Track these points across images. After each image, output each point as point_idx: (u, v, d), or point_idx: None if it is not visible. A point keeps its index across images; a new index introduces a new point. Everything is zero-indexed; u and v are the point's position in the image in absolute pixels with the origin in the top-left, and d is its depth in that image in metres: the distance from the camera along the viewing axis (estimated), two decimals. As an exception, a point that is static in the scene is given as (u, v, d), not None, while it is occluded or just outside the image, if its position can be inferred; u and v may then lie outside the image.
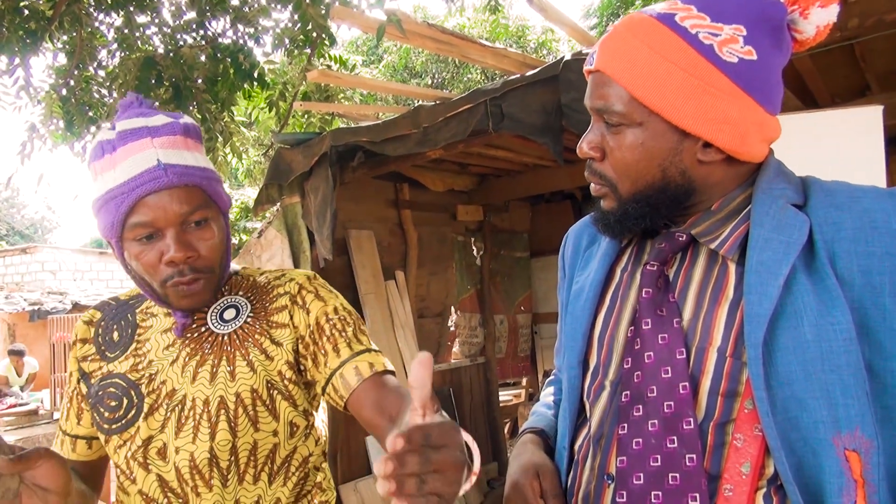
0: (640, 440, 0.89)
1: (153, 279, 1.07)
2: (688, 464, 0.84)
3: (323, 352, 1.12)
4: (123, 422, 1.10)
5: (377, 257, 4.48)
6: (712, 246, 0.91)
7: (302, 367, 1.15)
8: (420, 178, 4.71)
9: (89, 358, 1.18)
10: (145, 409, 1.09)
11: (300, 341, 1.15)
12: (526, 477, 1.00)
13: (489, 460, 5.26)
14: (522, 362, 6.08)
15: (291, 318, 1.16)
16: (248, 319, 1.16)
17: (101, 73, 4.27)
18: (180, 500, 1.07)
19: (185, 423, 1.07)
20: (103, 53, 4.18)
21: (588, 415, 0.99)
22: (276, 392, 1.11)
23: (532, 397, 6.21)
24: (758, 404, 0.80)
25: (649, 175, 0.90)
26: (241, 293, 1.21)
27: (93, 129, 4.36)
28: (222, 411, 1.07)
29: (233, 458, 1.07)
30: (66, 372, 9.71)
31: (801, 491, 0.79)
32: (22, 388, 10.16)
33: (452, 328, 5.41)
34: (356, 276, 4.31)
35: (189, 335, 1.15)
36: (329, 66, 4.53)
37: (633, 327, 0.94)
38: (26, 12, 3.38)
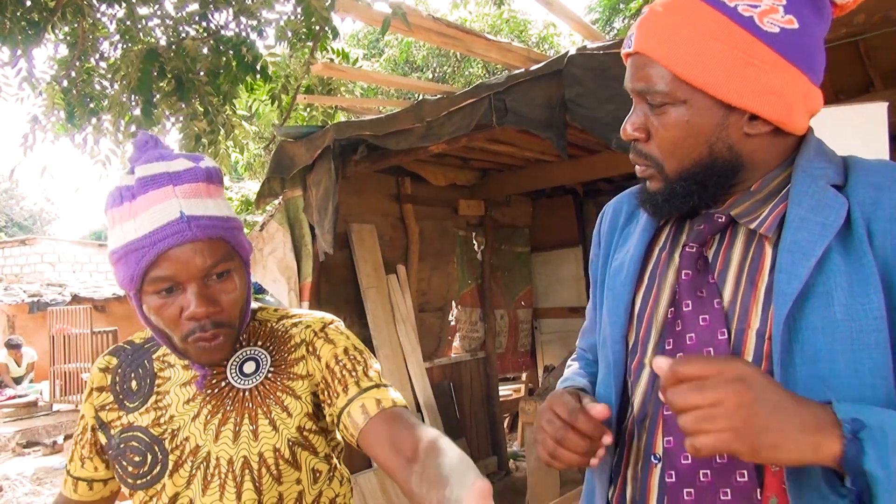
0: None
1: (174, 333, 1.04)
2: None
3: (335, 393, 1.11)
4: (149, 478, 1.09)
5: (379, 251, 4.47)
6: (752, 226, 0.90)
7: (323, 411, 1.15)
8: (422, 173, 4.71)
9: (107, 407, 1.16)
10: (170, 465, 1.08)
11: (318, 388, 1.13)
12: (562, 393, 0.98)
13: (489, 455, 5.27)
14: (522, 357, 6.08)
15: (307, 368, 1.14)
16: (269, 375, 1.14)
17: (103, 64, 4.26)
18: None
19: (212, 480, 1.07)
20: (105, 45, 4.17)
21: (630, 394, 0.99)
22: (296, 447, 1.10)
23: (532, 392, 6.22)
24: (775, 378, 0.80)
25: (696, 152, 0.90)
26: (259, 343, 1.18)
27: (93, 120, 4.36)
28: (247, 471, 1.07)
29: None
30: (66, 364, 9.62)
31: (818, 476, 0.78)
32: (22, 378, 10.18)
33: (453, 323, 5.42)
34: (357, 270, 4.31)
35: (210, 390, 1.13)
36: (332, 60, 4.52)
37: (672, 308, 0.94)
38: (28, 3, 3.37)
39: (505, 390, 6.32)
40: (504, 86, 2.86)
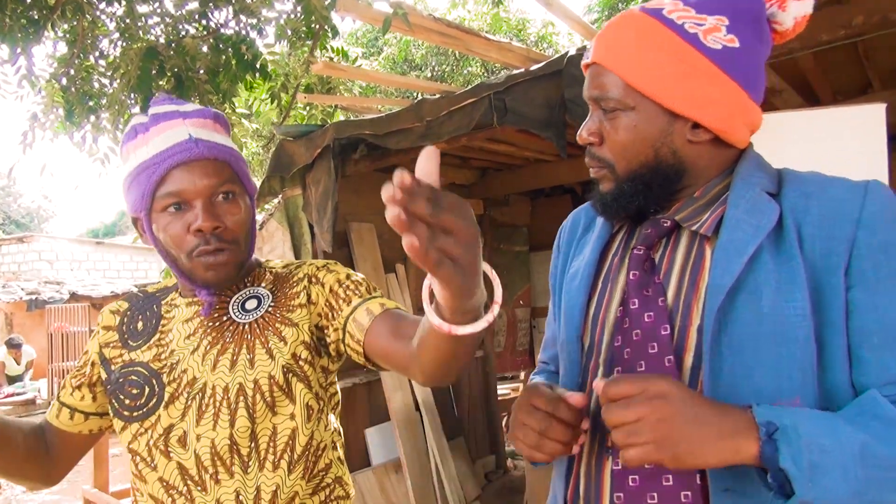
0: None
1: (180, 251, 1.10)
2: None
3: (339, 310, 1.15)
4: (144, 410, 1.12)
5: (378, 250, 4.48)
6: (693, 228, 0.98)
7: (327, 339, 1.17)
8: (421, 172, 4.71)
9: (111, 344, 1.21)
10: (166, 397, 1.12)
11: (320, 316, 1.17)
12: (535, 386, 1.02)
13: (487, 454, 5.28)
14: (521, 356, 6.09)
15: (309, 296, 1.18)
16: (269, 309, 1.18)
17: (102, 62, 4.25)
18: (199, 488, 1.09)
19: (206, 410, 1.09)
20: (104, 43, 4.16)
21: (587, 393, 1.03)
22: (291, 375, 1.12)
23: (530, 391, 6.23)
24: (704, 367, 0.88)
25: (643, 155, 0.98)
26: (263, 285, 1.23)
27: (92, 118, 4.35)
28: (241, 398, 1.09)
29: (253, 445, 1.09)
30: (64, 361, 9.66)
31: None
32: (20, 376, 10.19)
33: (452, 321, 5.42)
34: (357, 269, 4.32)
35: (211, 324, 1.17)
36: (331, 59, 4.52)
37: (622, 307, 1.01)
38: (29, 0, 3.36)
39: (503, 389, 6.34)
40: (504, 85, 2.88)
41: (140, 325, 1.22)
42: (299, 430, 1.12)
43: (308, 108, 5.14)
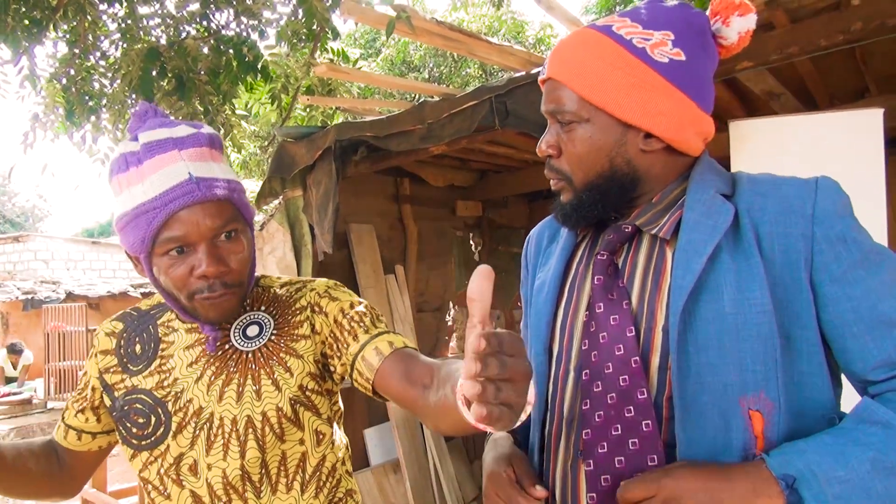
0: (602, 413, 0.98)
1: (181, 293, 1.06)
2: (644, 429, 0.94)
3: (345, 344, 1.13)
4: (153, 439, 1.11)
5: (377, 251, 4.49)
6: (653, 232, 1.01)
7: (331, 368, 1.16)
8: (421, 174, 4.73)
9: (111, 370, 1.19)
10: (174, 427, 1.11)
11: (325, 344, 1.15)
12: (499, 466, 1.07)
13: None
14: (518, 357, 6.10)
15: (312, 326, 1.16)
16: (272, 337, 1.16)
17: (103, 63, 4.26)
18: None
19: (215, 440, 1.09)
20: (105, 43, 4.17)
21: (559, 400, 1.07)
22: (299, 406, 1.12)
23: (527, 392, 6.24)
24: (672, 366, 0.92)
25: (598, 165, 1.02)
26: (262, 308, 1.21)
27: (92, 118, 4.36)
28: (250, 430, 1.09)
29: (264, 472, 1.09)
30: (61, 361, 9.58)
31: (707, 449, 0.90)
32: (16, 380, 10.17)
33: (450, 323, 5.44)
34: (356, 270, 4.33)
35: (213, 353, 1.15)
36: (332, 60, 4.54)
37: (588, 312, 1.04)
38: (31, 1, 3.37)
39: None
40: (505, 88, 2.89)
41: (138, 347, 1.19)
42: (309, 454, 1.14)
43: (308, 109, 5.15)
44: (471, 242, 5.57)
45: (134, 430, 1.13)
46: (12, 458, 1.16)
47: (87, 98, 4.18)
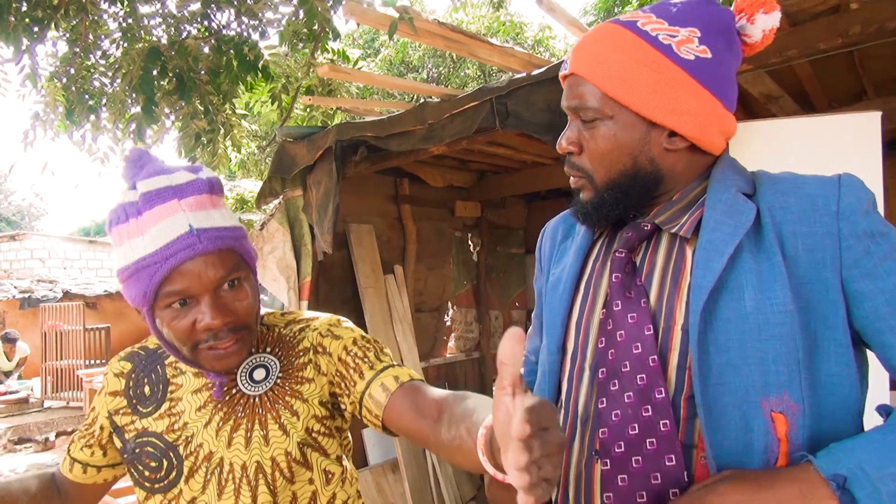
0: (619, 412, 0.96)
1: (184, 345, 1.05)
2: (662, 429, 0.92)
3: (352, 382, 1.12)
4: (165, 482, 1.12)
5: (377, 251, 4.51)
6: (673, 231, 1.00)
7: (342, 406, 1.16)
8: (420, 174, 4.74)
9: (121, 411, 1.19)
10: (185, 471, 1.11)
11: (332, 384, 1.15)
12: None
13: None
14: (516, 358, 6.11)
15: (319, 368, 1.15)
16: (278, 380, 1.15)
17: (104, 62, 4.27)
18: None
19: (226, 485, 1.10)
20: (106, 43, 4.18)
21: (573, 398, 1.06)
22: (307, 448, 1.12)
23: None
24: (692, 367, 0.90)
25: (621, 163, 1.00)
26: (268, 349, 1.19)
27: (92, 117, 4.36)
28: (260, 475, 1.09)
29: None
30: (58, 360, 9.52)
31: (729, 451, 0.88)
32: (11, 373, 10.12)
33: (449, 323, 5.45)
34: (356, 270, 4.34)
35: (222, 398, 1.15)
36: (332, 61, 4.55)
37: (605, 310, 1.02)
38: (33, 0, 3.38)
39: (498, 390, 6.36)
40: (506, 90, 2.90)
41: (147, 389, 1.19)
42: (319, 493, 1.14)
43: (308, 109, 5.16)
44: (469, 243, 5.58)
45: (146, 472, 1.13)
46: (4, 495, 1.16)
47: (87, 97, 4.19)
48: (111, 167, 4.68)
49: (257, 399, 1.13)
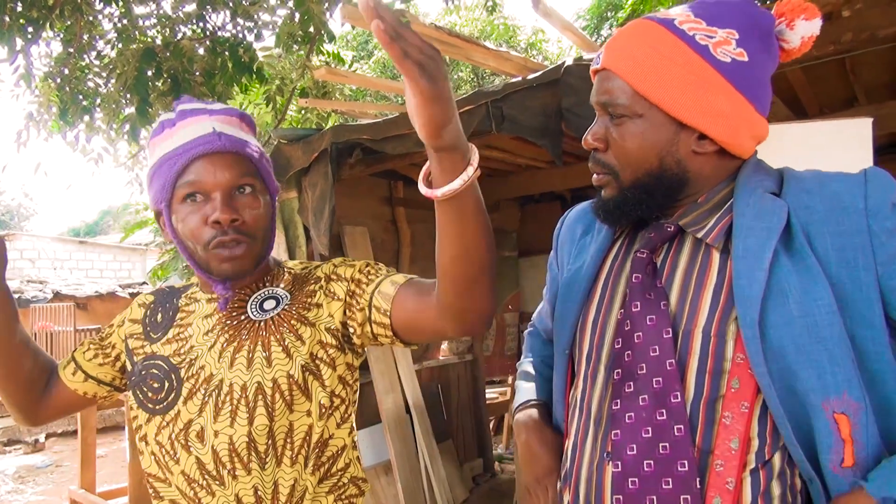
0: (632, 414, 0.95)
1: (197, 243, 1.11)
2: (676, 434, 0.91)
3: (363, 292, 1.14)
4: (164, 404, 1.14)
5: (371, 254, 4.51)
6: (699, 235, 0.99)
7: (351, 330, 1.16)
8: (414, 176, 4.74)
9: (135, 336, 1.25)
10: (184, 392, 1.13)
11: (345, 304, 1.15)
12: (538, 486, 1.12)
13: (475, 457, 5.32)
14: (509, 360, 6.14)
15: (332, 294, 1.16)
16: (285, 309, 1.18)
17: (98, 62, 4.26)
18: (217, 483, 1.10)
19: (223, 407, 1.10)
20: (101, 43, 4.17)
21: (587, 398, 1.05)
22: (308, 374, 1.13)
23: (517, 395, 6.28)
24: (759, 379, 0.88)
25: (647, 163, 0.99)
26: (282, 285, 1.23)
27: (86, 118, 4.35)
28: (260, 397, 1.09)
29: (270, 442, 1.10)
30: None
31: (797, 458, 0.87)
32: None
33: (442, 325, 5.45)
34: (350, 272, 4.34)
35: (229, 322, 1.18)
36: (327, 63, 4.56)
37: (623, 310, 1.01)
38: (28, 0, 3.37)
39: (491, 393, 6.38)
40: (501, 94, 2.92)
41: (159, 316, 1.25)
42: (314, 427, 1.14)
43: (303, 111, 5.17)
44: (463, 245, 5.58)
45: (150, 394, 1.16)
46: (21, 342, 1.22)
47: (81, 97, 4.18)
48: (104, 168, 4.66)
49: (262, 323, 1.16)
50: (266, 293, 1.21)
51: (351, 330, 1.16)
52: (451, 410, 5.14)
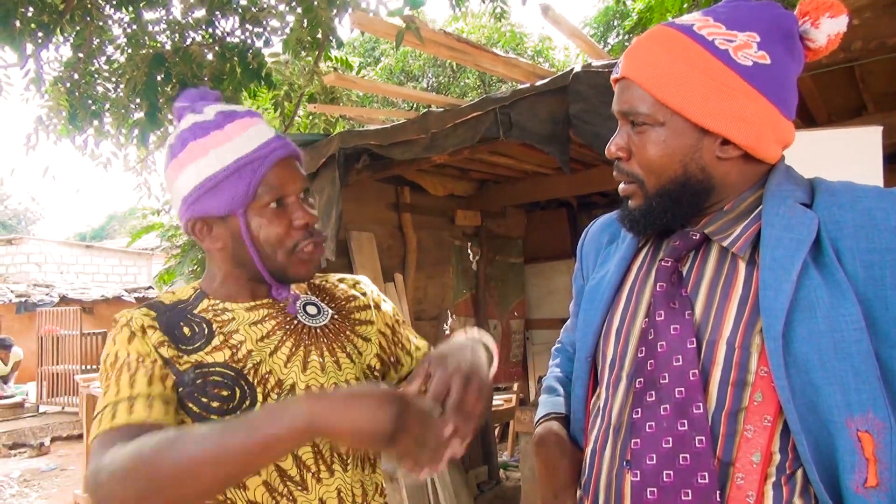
0: (653, 423, 0.95)
1: (279, 247, 1.10)
2: (697, 445, 0.90)
3: (402, 346, 1.30)
4: (240, 412, 1.06)
5: (377, 259, 4.51)
6: (724, 244, 0.97)
7: (398, 362, 1.28)
8: (421, 182, 4.76)
9: (165, 344, 1.08)
10: (259, 398, 1.08)
11: (382, 336, 1.27)
12: (556, 502, 1.12)
13: (480, 464, 5.30)
14: (514, 367, 6.12)
15: (373, 318, 1.26)
16: (335, 317, 1.22)
17: (107, 67, 4.28)
18: (300, 488, 1.08)
19: None
20: (110, 48, 4.20)
21: (608, 406, 1.05)
22: (369, 380, 1.20)
23: (523, 402, 6.26)
24: (779, 392, 0.86)
25: (671, 171, 0.97)
26: (308, 293, 1.26)
27: (95, 122, 4.38)
28: None
29: None
30: (54, 365, 9.31)
31: (818, 469, 0.85)
32: (7, 377, 10.10)
33: (448, 332, 5.45)
34: (356, 278, 4.34)
35: (288, 327, 1.16)
36: (335, 69, 4.57)
37: (647, 319, 1.00)
38: (40, 4, 3.39)
39: (496, 400, 6.36)
40: (510, 100, 2.92)
41: (186, 330, 1.12)
42: None
43: (311, 117, 5.18)
44: (469, 252, 5.59)
45: (215, 403, 1.06)
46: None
47: (90, 102, 4.20)
48: (114, 172, 4.68)
49: (319, 330, 1.18)
50: (304, 299, 1.23)
51: (399, 362, 1.29)
52: (456, 417, 5.11)
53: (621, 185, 1.05)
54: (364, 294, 1.29)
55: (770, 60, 0.94)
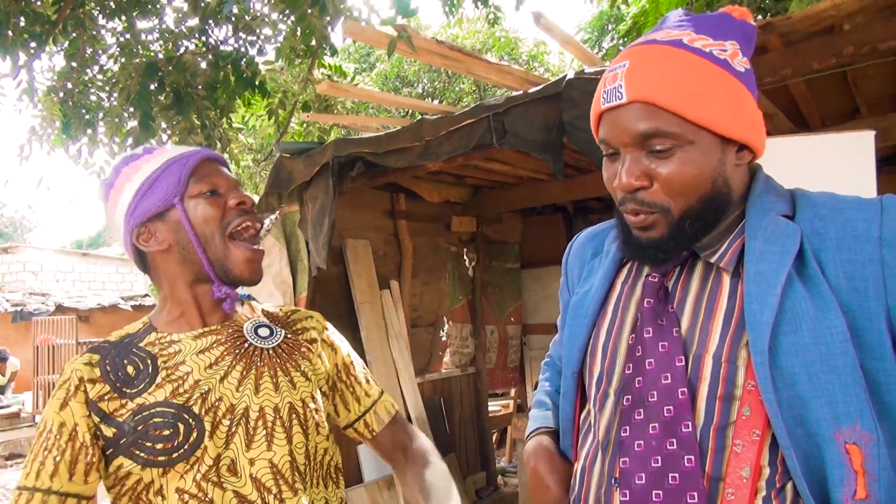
0: (642, 442, 0.94)
1: (216, 231, 1.16)
2: (686, 465, 0.89)
3: (352, 390, 1.32)
4: (186, 447, 1.06)
5: (373, 267, 4.50)
6: (711, 259, 0.96)
7: (328, 405, 1.30)
8: (416, 189, 4.75)
9: (106, 397, 1.07)
10: (208, 428, 1.07)
11: (327, 378, 1.29)
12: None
13: (478, 470, 5.29)
14: (511, 373, 6.11)
15: (321, 355, 1.28)
16: (287, 338, 1.25)
17: (101, 77, 4.28)
18: None
19: (255, 433, 1.10)
20: (103, 58, 4.19)
21: (595, 423, 1.04)
22: (322, 398, 1.24)
23: (520, 408, 6.25)
24: (767, 406, 0.85)
25: (702, 189, 0.93)
26: (261, 317, 1.29)
27: (88, 131, 4.37)
28: (294, 416, 1.14)
29: (307, 461, 1.15)
30: (50, 374, 9.36)
31: (807, 482, 0.85)
32: (3, 388, 10.07)
33: (444, 338, 5.44)
34: (352, 286, 4.33)
35: (236, 351, 1.17)
36: (329, 76, 4.57)
37: (634, 335, 0.99)
38: (32, 14, 3.39)
39: (494, 406, 6.35)
40: (503, 107, 2.92)
41: (130, 369, 1.11)
42: (329, 447, 1.22)
43: (305, 124, 5.18)
44: (465, 258, 5.59)
45: (158, 445, 1.05)
46: None
47: (84, 111, 4.19)
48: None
49: (272, 350, 1.20)
50: (255, 321, 1.25)
51: (333, 404, 1.31)
52: (453, 423, 5.11)
53: (639, 217, 0.97)
54: (313, 328, 1.32)
55: (749, 65, 0.97)
